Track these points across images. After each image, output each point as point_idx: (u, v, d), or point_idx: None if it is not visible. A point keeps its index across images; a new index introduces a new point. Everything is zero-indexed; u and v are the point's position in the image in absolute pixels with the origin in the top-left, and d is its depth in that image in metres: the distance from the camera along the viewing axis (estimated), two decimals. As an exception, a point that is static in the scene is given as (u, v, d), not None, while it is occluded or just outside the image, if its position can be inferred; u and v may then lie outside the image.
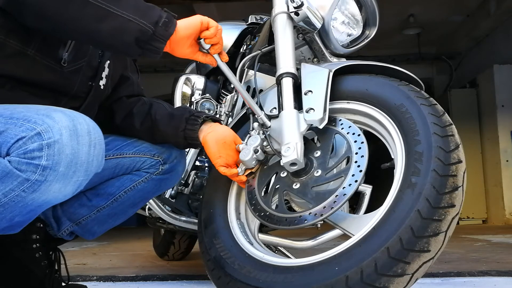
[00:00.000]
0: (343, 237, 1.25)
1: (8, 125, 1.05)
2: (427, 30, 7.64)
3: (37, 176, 1.02)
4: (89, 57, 1.35)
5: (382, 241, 1.08)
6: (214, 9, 6.56)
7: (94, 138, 1.10)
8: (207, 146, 1.42)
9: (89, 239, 1.52)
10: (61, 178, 1.04)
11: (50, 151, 1.02)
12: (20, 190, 1.03)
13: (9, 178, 1.02)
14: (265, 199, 1.38)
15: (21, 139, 1.02)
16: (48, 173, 1.02)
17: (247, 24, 2.10)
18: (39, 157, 1.01)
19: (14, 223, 1.10)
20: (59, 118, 1.06)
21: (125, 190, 1.46)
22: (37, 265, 1.42)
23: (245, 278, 1.25)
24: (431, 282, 1.93)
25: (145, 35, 1.14)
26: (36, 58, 1.22)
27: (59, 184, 1.05)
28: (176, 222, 1.88)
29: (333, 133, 1.37)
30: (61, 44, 1.26)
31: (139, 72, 1.70)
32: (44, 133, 1.02)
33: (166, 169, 1.49)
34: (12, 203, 1.04)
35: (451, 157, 1.15)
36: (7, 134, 1.04)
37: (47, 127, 1.03)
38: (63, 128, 1.04)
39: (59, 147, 1.03)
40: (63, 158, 1.03)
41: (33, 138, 1.02)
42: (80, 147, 1.06)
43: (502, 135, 6.55)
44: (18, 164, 1.02)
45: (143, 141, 1.49)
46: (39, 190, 1.03)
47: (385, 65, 1.42)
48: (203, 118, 1.46)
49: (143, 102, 1.56)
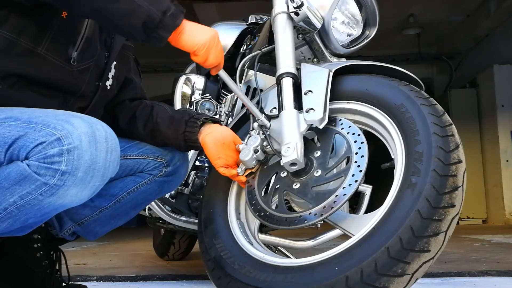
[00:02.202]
0: (343, 237, 1.25)
1: (28, 130, 1.07)
2: (427, 30, 7.64)
3: (56, 181, 1.04)
4: (97, 57, 1.36)
5: (382, 241, 1.08)
6: (214, 9, 6.56)
7: (111, 144, 1.12)
8: (206, 148, 1.43)
9: (90, 239, 1.52)
10: (79, 183, 1.06)
11: (70, 157, 1.04)
12: (37, 193, 1.05)
13: (27, 181, 1.04)
14: (265, 199, 1.38)
15: (41, 143, 1.04)
16: (67, 178, 1.04)
17: (247, 24, 2.10)
18: (59, 162, 1.03)
19: (27, 225, 1.12)
20: (78, 124, 1.08)
21: (128, 191, 1.46)
22: (38, 265, 1.42)
23: (245, 278, 1.25)
24: (431, 282, 1.93)
25: (153, 21, 1.16)
26: (46, 57, 1.23)
27: (76, 189, 1.07)
28: (176, 222, 1.89)
29: (333, 133, 1.37)
30: (70, 43, 1.27)
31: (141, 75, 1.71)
32: (64, 139, 1.04)
33: (169, 171, 1.50)
34: (28, 206, 1.06)
35: (451, 157, 1.15)
36: (27, 139, 1.06)
37: (67, 132, 1.05)
38: (83, 134, 1.06)
39: (79, 153, 1.05)
40: (82, 163, 1.05)
41: (53, 144, 1.04)
42: (98, 153, 1.08)
43: (502, 135, 6.55)
44: (37, 168, 1.04)
45: (146, 143, 1.50)
46: (57, 194, 1.05)
47: (385, 65, 1.42)
48: (202, 120, 1.47)
49: (145, 105, 1.56)
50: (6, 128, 1.08)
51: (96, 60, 1.36)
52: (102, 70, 1.40)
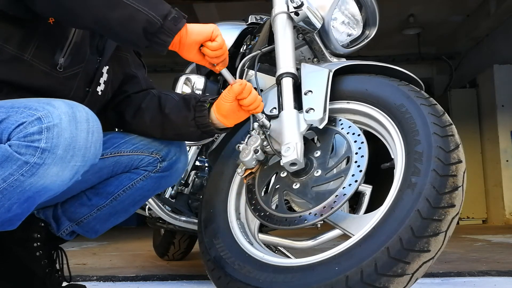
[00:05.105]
0: (343, 237, 1.25)
1: (10, 113, 1.09)
2: (427, 30, 7.64)
3: (36, 159, 1.05)
4: (86, 63, 1.35)
5: (382, 241, 1.09)
6: (214, 9, 6.56)
7: (92, 125, 1.13)
8: (220, 103, 1.40)
9: (91, 237, 1.52)
10: (59, 161, 1.07)
11: (49, 134, 1.05)
12: (19, 174, 1.06)
13: (9, 162, 1.05)
14: (265, 199, 1.38)
15: (22, 124, 1.06)
16: (47, 156, 1.05)
17: (247, 24, 2.10)
18: (38, 140, 1.05)
19: (12, 215, 1.11)
20: (59, 105, 1.10)
21: (123, 188, 1.46)
22: (37, 264, 1.42)
23: (245, 278, 1.25)
24: (431, 282, 1.93)
25: (153, 26, 1.15)
26: (33, 63, 1.22)
27: (56, 168, 1.07)
28: (176, 222, 1.88)
29: (333, 133, 1.37)
30: (57, 49, 1.27)
31: (145, 66, 1.69)
32: (44, 118, 1.06)
33: (164, 166, 1.48)
34: (11, 189, 1.07)
35: (451, 157, 1.15)
36: (9, 121, 1.08)
37: (47, 112, 1.07)
38: (63, 114, 1.08)
39: (58, 131, 1.06)
40: (61, 141, 1.06)
41: (33, 123, 1.06)
42: (79, 133, 1.09)
43: (502, 135, 6.55)
44: (18, 147, 1.05)
45: (142, 138, 1.48)
46: (37, 173, 1.06)
47: (385, 65, 1.42)
48: (209, 101, 1.44)
49: (152, 95, 1.54)
50: None
51: (86, 66, 1.35)
52: (93, 75, 1.38)
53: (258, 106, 1.38)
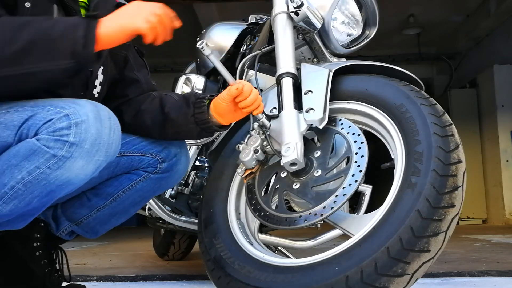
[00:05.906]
0: (343, 237, 1.25)
1: (37, 111, 1.13)
2: (427, 30, 7.64)
3: (64, 152, 1.10)
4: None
5: (382, 241, 1.09)
6: (214, 9, 6.55)
7: (114, 124, 1.19)
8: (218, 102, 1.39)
9: (91, 238, 1.52)
10: (85, 155, 1.12)
11: (77, 129, 1.10)
12: (45, 167, 1.10)
13: (36, 155, 1.10)
14: (265, 199, 1.38)
15: (50, 120, 1.11)
16: (74, 150, 1.10)
17: (247, 24, 2.10)
18: (68, 135, 1.10)
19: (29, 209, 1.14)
20: (84, 103, 1.15)
21: (123, 189, 1.46)
22: (37, 264, 1.41)
23: (245, 278, 1.25)
24: (431, 282, 1.93)
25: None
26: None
27: (82, 161, 1.12)
28: (176, 222, 1.89)
29: (333, 133, 1.37)
30: None
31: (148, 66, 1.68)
32: (71, 115, 1.11)
33: (164, 168, 1.48)
34: (35, 182, 1.10)
35: (451, 157, 1.15)
36: (36, 118, 1.12)
37: (74, 110, 1.12)
38: (89, 111, 1.13)
39: (86, 126, 1.11)
40: (88, 136, 1.12)
41: (62, 119, 1.10)
42: (103, 129, 1.15)
43: (502, 135, 6.54)
44: (46, 141, 1.09)
45: (143, 139, 1.48)
46: (64, 166, 1.10)
47: (385, 65, 1.42)
48: (208, 98, 1.44)
49: (152, 97, 1.53)
50: (14, 114, 1.14)
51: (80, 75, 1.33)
52: (87, 80, 1.38)
53: (258, 106, 1.38)
